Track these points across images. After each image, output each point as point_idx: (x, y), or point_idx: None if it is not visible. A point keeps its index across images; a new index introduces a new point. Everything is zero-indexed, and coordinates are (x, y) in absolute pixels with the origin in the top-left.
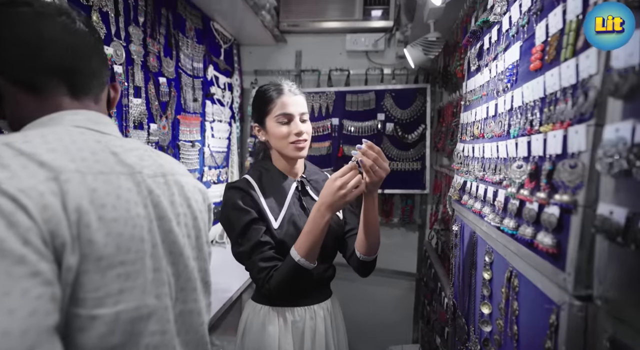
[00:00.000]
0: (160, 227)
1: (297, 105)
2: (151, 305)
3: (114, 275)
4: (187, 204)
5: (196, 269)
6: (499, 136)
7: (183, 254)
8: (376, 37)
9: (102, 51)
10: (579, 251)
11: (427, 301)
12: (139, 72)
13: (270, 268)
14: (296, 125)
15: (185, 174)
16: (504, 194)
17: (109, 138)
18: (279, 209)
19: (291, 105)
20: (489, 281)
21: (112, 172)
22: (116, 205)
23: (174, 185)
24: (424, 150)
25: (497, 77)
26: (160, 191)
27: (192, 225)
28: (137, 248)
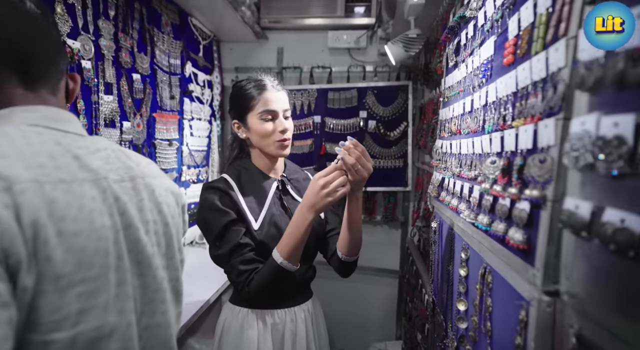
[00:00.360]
0: (127, 236)
1: (281, 102)
2: (113, 322)
3: (74, 295)
4: (158, 209)
5: (166, 279)
6: (474, 132)
7: (152, 264)
8: (358, 34)
9: (57, 36)
10: (547, 246)
11: (409, 298)
12: (110, 68)
13: (251, 271)
14: (281, 123)
15: (157, 176)
16: (478, 190)
17: (71, 138)
18: (259, 209)
19: (275, 102)
20: (465, 278)
21: (75, 179)
22: (78, 217)
23: (143, 189)
24: (406, 148)
25: (473, 72)
26: (128, 197)
27: (163, 232)
28: (100, 262)
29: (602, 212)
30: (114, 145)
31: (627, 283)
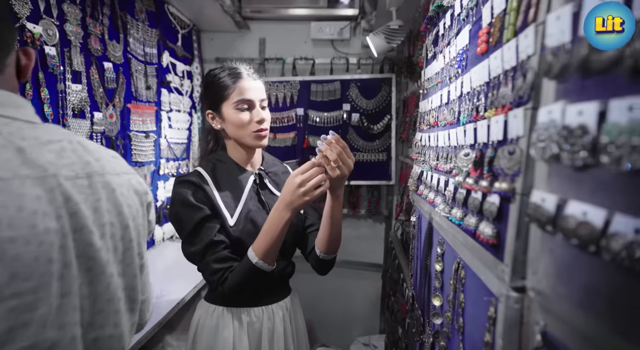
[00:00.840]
0: (77, 241)
1: (257, 91)
2: (52, 338)
3: (3, 312)
4: (117, 210)
5: (120, 288)
6: (450, 124)
7: (105, 271)
8: (341, 26)
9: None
10: (516, 241)
11: (392, 292)
12: (78, 55)
13: (225, 269)
14: (258, 113)
15: (120, 173)
16: (452, 183)
17: (17, 126)
18: (234, 205)
19: (251, 91)
20: (440, 272)
21: (15, 176)
22: (14, 222)
23: (101, 188)
24: (389, 141)
25: (450, 63)
26: (82, 197)
27: (121, 236)
28: (41, 271)
29: (565, 205)
30: (73, 136)
31: (588, 279)
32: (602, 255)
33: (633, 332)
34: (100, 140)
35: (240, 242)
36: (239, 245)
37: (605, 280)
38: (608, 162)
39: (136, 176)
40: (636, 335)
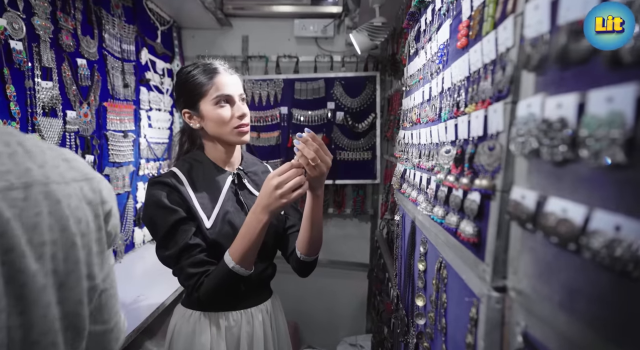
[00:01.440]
0: (6, 264)
1: (236, 86)
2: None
3: None
4: (62, 226)
5: (58, 317)
6: (432, 121)
7: (39, 299)
8: (325, 23)
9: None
10: (496, 240)
11: (378, 292)
12: (48, 51)
13: (201, 274)
14: (239, 108)
15: (69, 180)
16: (434, 181)
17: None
18: (211, 206)
19: (230, 86)
20: (423, 272)
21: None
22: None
23: (43, 200)
24: (374, 140)
25: (431, 59)
26: (13, 212)
27: (64, 256)
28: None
29: (546, 202)
30: (12, 136)
31: (569, 278)
32: (582, 253)
33: (614, 332)
34: (74, 140)
35: (218, 245)
36: (216, 247)
37: (586, 279)
38: (587, 156)
39: (93, 182)
40: (618, 335)
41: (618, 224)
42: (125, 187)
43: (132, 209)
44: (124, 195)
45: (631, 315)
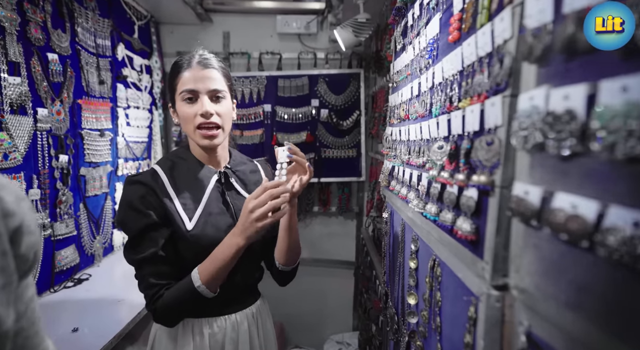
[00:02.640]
0: None
1: (205, 81)
2: None
3: None
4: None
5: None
6: (422, 117)
7: None
8: (308, 19)
9: None
10: (496, 237)
11: (364, 289)
12: (15, 44)
13: (162, 286)
14: (201, 105)
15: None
16: (426, 178)
17: None
18: (194, 207)
19: (196, 80)
20: (415, 270)
21: None
22: None
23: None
24: (359, 137)
25: (420, 54)
26: None
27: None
28: None
29: (552, 198)
30: None
31: (579, 277)
32: (596, 251)
33: (629, 333)
34: (46, 139)
35: (199, 250)
36: (197, 252)
37: (599, 278)
38: (599, 149)
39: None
40: (632, 336)
41: (637, 220)
42: (102, 188)
43: (111, 210)
44: (101, 196)
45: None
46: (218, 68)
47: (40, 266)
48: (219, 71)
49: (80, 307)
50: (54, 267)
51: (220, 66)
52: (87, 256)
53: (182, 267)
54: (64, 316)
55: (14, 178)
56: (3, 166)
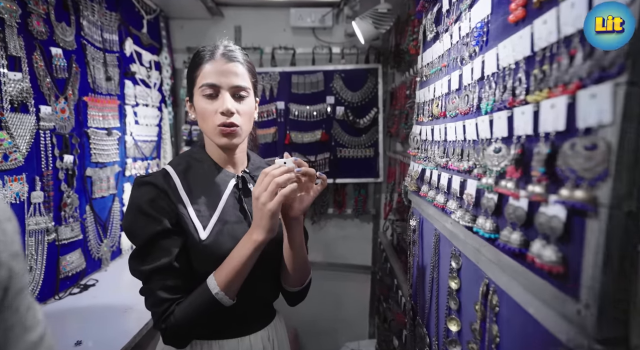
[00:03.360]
0: None
1: (229, 75)
2: None
3: None
4: None
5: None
6: (465, 114)
7: None
8: (323, 12)
9: None
10: (602, 273)
11: (383, 297)
12: (15, 38)
13: (173, 301)
14: (223, 101)
15: None
16: (475, 186)
17: None
18: (209, 214)
19: (219, 74)
20: (456, 291)
21: None
22: None
23: None
24: (376, 136)
25: (461, 41)
26: None
27: None
28: None
29: None
30: None
31: None
32: None
33: None
34: (50, 139)
35: (212, 261)
36: (210, 264)
37: None
38: None
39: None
40: None
41: None
42: (110, 189)
43: (119, 212)
44: (109, 198)
45: None
46: (243, 62)
47: (44, 272)
48: (244, 66)
49: (86, 316)
50: (59, 273)
51: (245, 60)
52: (94, 261)
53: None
54: (68, 326)
55: (14, 180)
56: (3, 167)
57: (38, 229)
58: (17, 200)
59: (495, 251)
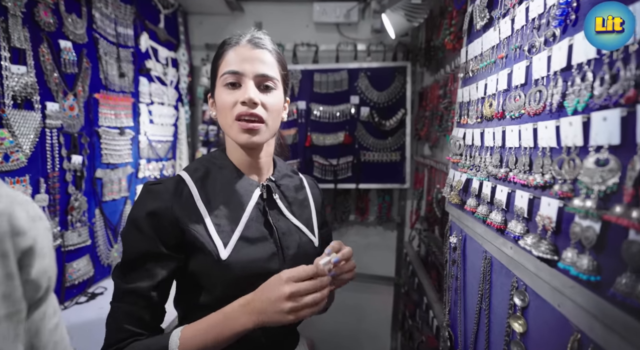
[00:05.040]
0: None
1: (255, 62)
2: None
3: None
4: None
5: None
6: (536, 114)
7: None
8: (348, 7)
9: None
10: None
11: (409, 313)
12: (19, 28)
13: (130, 335)
14: (245, 90)
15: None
16: (556, 207)
17: None
18: (230, 229)
19: (243, 61)
20: (522, 335)
21: None
22: None
23: None
24: (403, 139)
25: (530, 25)
26: None
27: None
28: None
29: None
30: None
31: None
32: None
33: None
34: (57, 138)
35: (230, 283)
36: (227, 286)
37: None
38: None
39: None
40: None
41: None
42: (122, 192)
43: None
44: (120, 200)
45: None
46: (272, 50)
47: None
48: (272, 54)
49: (90, 328)
50: (65, 281)
51: (275, 49)
52: (103, 267)
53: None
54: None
55: (16, 182)
56: (3, 168)
57: None
58: None
59: (596, 299)
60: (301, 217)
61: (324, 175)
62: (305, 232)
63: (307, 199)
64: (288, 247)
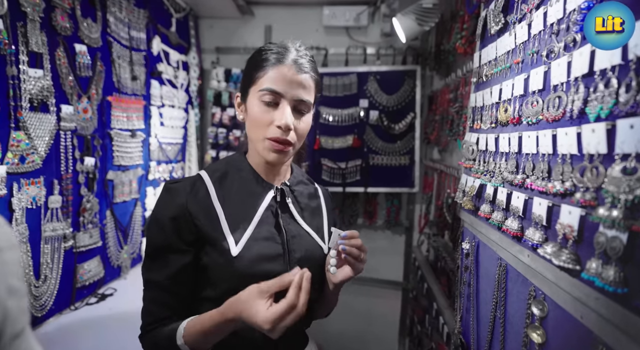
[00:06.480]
0: None
1: (296, 87)
2: None
3: None
4: None
5: None
6: (554, 120)
7: None
8: (358, 11)
9: None
10: None
11: (418, 319)
12: (38, 33)
13: (160, 319)
14: (282, 114)
15: None
16: (578, 215)
17: None
18: (243, 227)
19: (286, 83)
20: (540, 346)
21: None
22: None
23: None
24: (413, 143)
25: (549, 30)
26: None
27: None
28: None
29: None
30: None
31: None
32: None
33: None
34: (70, 140)
35: (239, 279)
36: (238, 281)
37: None
38: None
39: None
40: None
41: None
42: (132, 194)
43: (141, 217)
44: (130, 202)
45: None
46: (312, 75)
47: (60, 281)
48: (312, 79)
49: (101, 329)
50: (75, 282)
51: (314, 71)
52: (113, 268)
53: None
54: (81, 342)
55: (32, 183)
56: (19, 170)
57: (55, 235)
58: (34, 205)
59: (622, 311)
60: (312, 224)
61: (333, 179)
62: (314, 237)
63: (320, 208)
64: (295, 251)
